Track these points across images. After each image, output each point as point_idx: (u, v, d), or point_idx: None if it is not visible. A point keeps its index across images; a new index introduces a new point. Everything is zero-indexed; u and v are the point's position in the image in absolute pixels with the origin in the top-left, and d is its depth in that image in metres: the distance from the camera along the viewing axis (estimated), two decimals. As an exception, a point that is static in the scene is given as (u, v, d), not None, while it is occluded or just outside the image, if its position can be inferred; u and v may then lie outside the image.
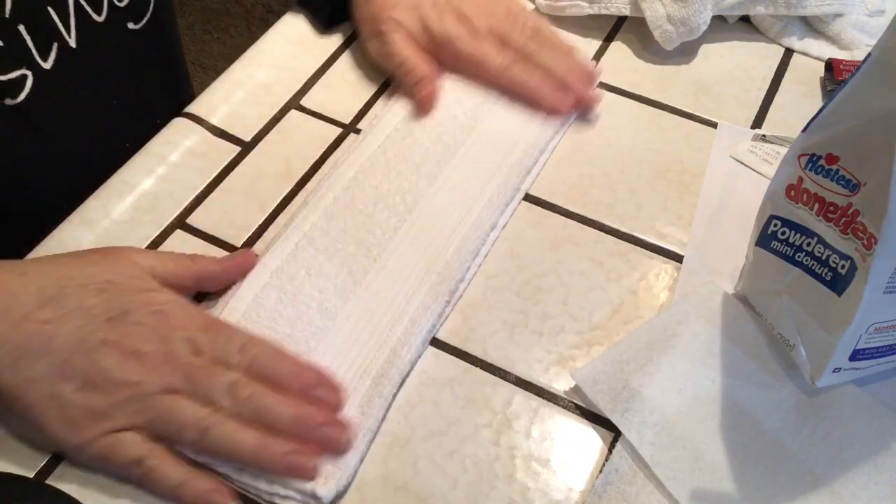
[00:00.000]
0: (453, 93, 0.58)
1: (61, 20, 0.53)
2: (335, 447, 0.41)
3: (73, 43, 0.54)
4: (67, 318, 0.41)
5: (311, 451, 0.41)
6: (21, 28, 0.50)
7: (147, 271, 0.45)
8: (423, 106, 0.56)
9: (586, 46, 0.64)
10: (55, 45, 0.53)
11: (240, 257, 0.49)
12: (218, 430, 0.40)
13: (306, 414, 0.41)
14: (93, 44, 0.55)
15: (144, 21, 0.60)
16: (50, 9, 0.52)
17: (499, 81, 0.57)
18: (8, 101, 0.51)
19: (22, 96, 0.52)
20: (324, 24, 0.64)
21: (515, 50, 0.57)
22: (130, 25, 0.59)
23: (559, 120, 0.57)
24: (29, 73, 0.52)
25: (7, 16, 0.49)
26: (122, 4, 0.57)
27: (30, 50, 0.51)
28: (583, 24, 0.65)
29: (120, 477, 0.41)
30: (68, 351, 0.40)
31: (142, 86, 0.63)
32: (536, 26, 0.59)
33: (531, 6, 0.66)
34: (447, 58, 0.58)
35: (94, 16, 0.55)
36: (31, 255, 0.50)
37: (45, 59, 0.52)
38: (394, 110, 0.57)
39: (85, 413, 0.40)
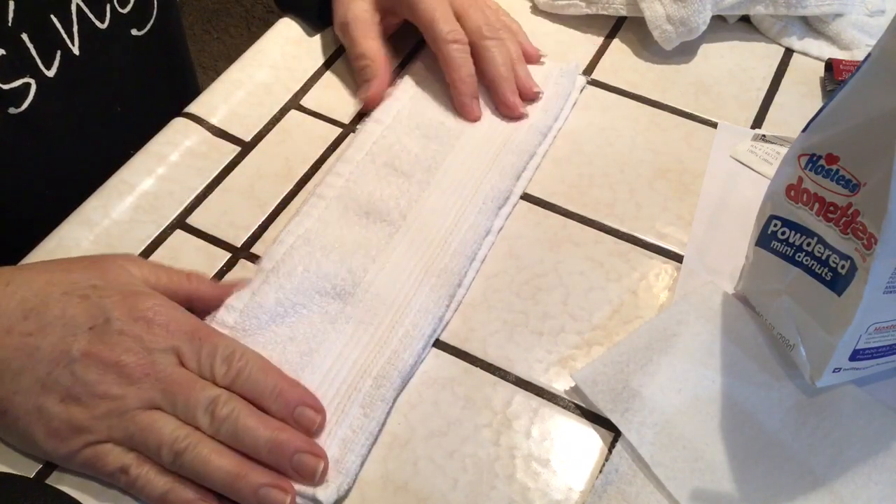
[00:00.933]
0: (440, 98, 0.58)
1: (64, 28, 0.52)
2: (309, 477, 0.40)
3: (76, 50, 0.54)
4: (49, 329, 0.41)
5: (286, 485, 0.40)
6: (24, 36, 0.50)
7: (138, 280, 0.44)
8: (368, 105, 0.57)
9: (586, 46, 0.64)
10: (58, 53, 0.53)
11: (237, 287, 0.47)
12: (192, 453, 0.39)
13: (283, 440, 0.40)
14: (96, 51, 0.55)
15: (148, 27, 0.60)
16: (53, 16, 0.52)
17: (436, 49, 0.57)
18: (11, 110, 0.51)
19: (25, 105, 0.52)
20: (314, 24, 0.64)
21: (468, 30, 0.57)
22: (134, 32, 0.58)
23: (547, 125, 0.57)
24: (32, 81, 0.52)
25: (9, 24, 0.49)
26: (125, 11, 0.57)
27: (33, 58, 0.51)
28: (582, 24, 0.65)
29: (110, 483, 0.41)
30: (51, 363, 0.40)
31: (147, 92, 0.63)
32: (500, 19, 0.59)
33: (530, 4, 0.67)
34: (402, 9, 0.58)
35: (97, 23, 0.55)
36: (29, 256, 0.50)
37: (48, 67, 0.52)
38: (377, 116, 0.56)
39: (67, 426, 0.40)
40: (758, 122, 0.59)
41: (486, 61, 0.57)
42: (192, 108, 0.58)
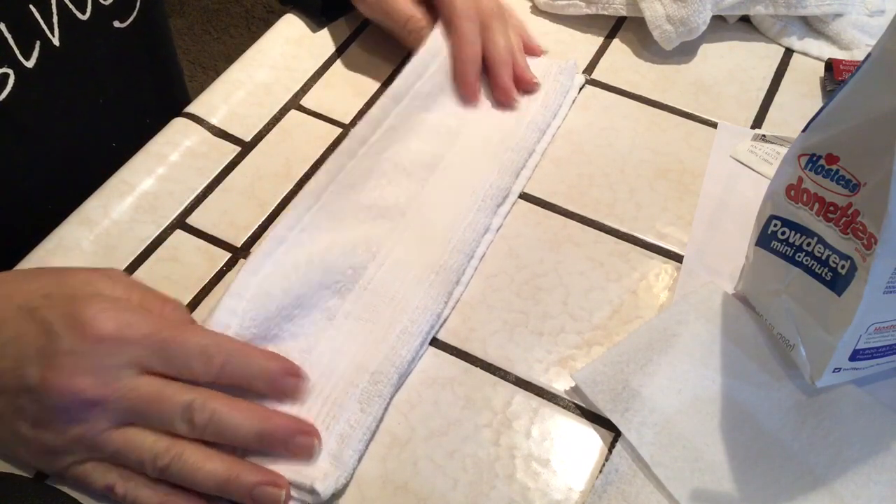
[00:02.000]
0: (440, 95, 0.57)
1: (44, 19, 0.52)
2: (307, 455, 0.41)
3: (56, 42, 0.53)
4: (5, 352, 0.39)
5: (280, 481, 0.40)
6: (2, 27, 0.49)
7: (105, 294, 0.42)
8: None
9: (586, 46, 0.64)
10: (38, 44, 0.52)
11: None
12: (178, 464, 0.39)
13: (272, 429, 0.40)
14: (77, 43, 0.55)
15: (131, 20, 0.59)
16: (32, 7, 0.51)
17: (450, 22, 0.57)
18: None
19: (3, 95, 0.51)
20: (317, 19, 0.64)
21: (480, 10, 0.57)
22: (116, 24, 0.58)
23: (546, 122, 0.57)
24: (11, 71, 0.51)
25: None
26: (107, 3, 0.56)
27: (11, 48, 0.50)
28: (582, 24, 0.65)
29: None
30: (15, 390, 0.39)
31: (130, 85, 0.62)
32: (504, 8, 0.59)
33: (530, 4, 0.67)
34: None
35: (79, 14, 0.54)
36: (29, 257, 0.50)
37: (27, 57, 0.51)
38: (377, 114, 0.55)
39: (45, 450, 0.39)
40: (758, 122, 0.59)
41: (489, 42, 0.57)
42: (192, 108, 0.58)
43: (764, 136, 0.57)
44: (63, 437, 0.39)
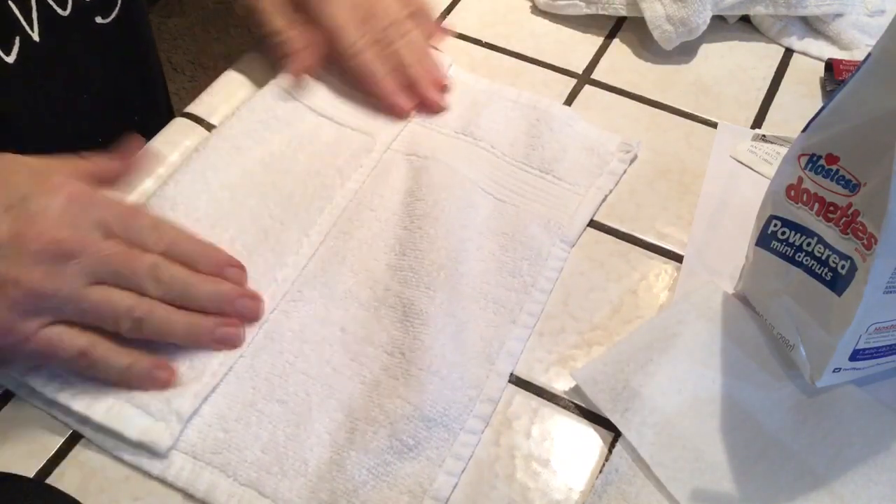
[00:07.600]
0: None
1: (23, 14, 0.51)
2: (252, 317, 0.46)
3: (35, 37, 0.52)
4: None
5: (236, 322, 0.45)
6: None
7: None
8: (295, 77, 0.56)
9: (586, 46, 0.64)
10: (17, 39, 0.52)
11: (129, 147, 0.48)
12: (150, 318, 0.42)
13: (224, 290, 0.45)
14: (58, 38, 0.54)
15: (113, 15, 0.58)
16: (10, 2, 0.50)
17: (347, 64, 0.56)
18: None
19: None
20: None
21: (375, 30, 0.56)
22: (98, 20, 0.57)
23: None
24: None
25: None
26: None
27: None
28: (582, 24, 0.65)
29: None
30: None
31: (114, 81, 0.62)
32: (410, 10, 0.57)
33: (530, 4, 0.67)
34: (308, 16, 0.56)
35: (59, 10, 0.54)
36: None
37: (7, 52, 0.51)
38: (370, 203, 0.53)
39: (13, 313, 0.39)
40: (758, 122, 0.59)
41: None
42: (192, 108, 0.58)
43: (764, 136, 0.57)
44: (36, 298, 0.39)
